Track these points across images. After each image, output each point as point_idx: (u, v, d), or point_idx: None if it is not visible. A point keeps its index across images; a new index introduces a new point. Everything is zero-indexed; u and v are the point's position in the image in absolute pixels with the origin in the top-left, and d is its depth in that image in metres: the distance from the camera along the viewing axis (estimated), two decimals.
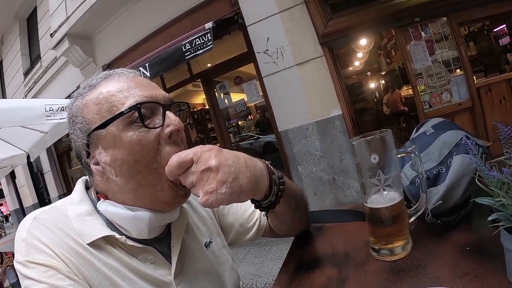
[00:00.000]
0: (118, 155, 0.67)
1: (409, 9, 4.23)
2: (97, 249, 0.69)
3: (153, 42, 5.72)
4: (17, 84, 9.80)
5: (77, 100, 0.72)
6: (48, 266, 0.63)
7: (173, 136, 0.69)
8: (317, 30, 4.49)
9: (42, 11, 8.20)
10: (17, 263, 0.66)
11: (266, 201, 0.76)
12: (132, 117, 0.66)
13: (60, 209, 0.74)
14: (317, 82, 4.48)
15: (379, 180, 0.68)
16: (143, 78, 0.75)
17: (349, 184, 4.39)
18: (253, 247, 4.64)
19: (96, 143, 0.69)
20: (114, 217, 0.72)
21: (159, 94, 0.71)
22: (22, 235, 0.68)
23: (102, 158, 0.69)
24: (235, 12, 4.92)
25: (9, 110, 3.08)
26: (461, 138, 0.77)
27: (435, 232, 0.74)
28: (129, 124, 0.66)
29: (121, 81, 0.70)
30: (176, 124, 0.68)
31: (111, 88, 0.69)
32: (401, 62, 6.03)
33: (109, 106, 0.67)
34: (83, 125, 0.70)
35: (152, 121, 0.68)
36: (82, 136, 0.70)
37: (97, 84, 0.71)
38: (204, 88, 6.20)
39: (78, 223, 0.70)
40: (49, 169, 9.26)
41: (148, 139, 0.66)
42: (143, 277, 0.72)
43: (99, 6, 5.92)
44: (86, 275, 0.66)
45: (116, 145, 0.67)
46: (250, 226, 0.97)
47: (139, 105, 0.66)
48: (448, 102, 4.40)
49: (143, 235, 0.72)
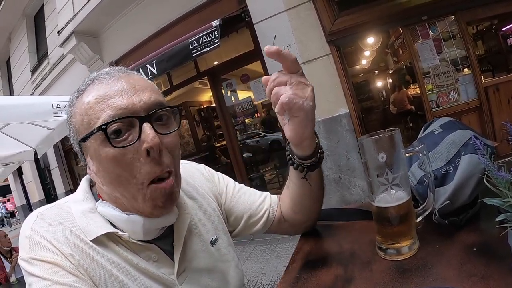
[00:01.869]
0: (100, 167, 0.68)
1: (417, 8, 4.21)
2: (101, 246, 0.70)
3: (160, 39, 5.74)
4: (25, 81, 9.88)
5: (69, 106, 0.73)
6: (51, 263, 0.64)
7: (151, 154, 0.66)
8: (324, 28, 4.49)
9: (50, 9, 8.27)
10: (21, 260, 0.66)
11: (311, 159, 0.82)
12: (103, 134, 0.64)
13: (64, 206, 0.75)
14: (324, 80, 4.47)
15: (386, 179, 0.67)
16: (129, 78, 0.71)
17: (355, 183, 4.38)
18: (258, 244, 4.65)
19: (86, 151, 0.71)
20: (111, 218, 0.72)
21: (139, 101, 0.67)
22: (26, 232, 0.68)
23: (91, 166, 0.71)
24: (242, 10, 4.93)
25: (16, 106, 3.11)
26: (469, 137, 0.77)
27: (442, 232, 0.74)
28: (105, 140, 0.65)
29: (101, 89, 0.67)
30: (149, 141, 0.64)
31: (91, 98, 0.67)
32: (408, 60, 6.00)
33: (88, 119, 0.66)
34: (74, 134, 0.71)
35: (129, 135, 0.66)
36: (74, 142, 0.72)
37: (84, 90, 0.70)
38: (211, 85, 6.22)
39: (81, 220, 0.71)
40: (56, 166, 9.35)
41: (124, 156, 0.65)
42: (146, 274, 0.72)
43: (106, 4, 5.95)
44: (90, 271, 0.67)
45: (97, 158, 0.67)
46: (258, 218, 0.97)
47: (104, 126, 0.63)
48: (456, 101, 4.38)
49: (139, 237, 0.72)
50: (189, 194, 0.91)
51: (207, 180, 1.00)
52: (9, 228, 19.96)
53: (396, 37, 7.22)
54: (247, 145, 6.40)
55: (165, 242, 0.78)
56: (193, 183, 0.95)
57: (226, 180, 1.03)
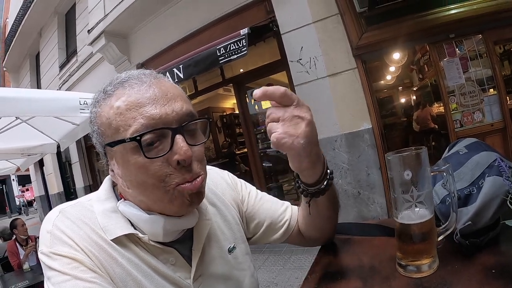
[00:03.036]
0: (126, 172, 0.69)
1: (445, 25, 4.17)
2: (120, 246, 0.71)
3: (187, 44, 5.81)
4: (52, 76, 10.10)
5: (94, 106, 0.72)
6: (71, 258, 0.65)
7: (181, 164, 0.67)
8: (351, 42, 4.49)
9: (81, 8, 8.46)
10: (42, 254, 0.67)
11: (315, 187, 0.81)
12: (136, 143, 0.64)
13: (86, 204, 0.76)
14: (349, 94, 4.47)
15: (411, 196, 0.68)
16: (160, 85, 0.70)
17: (374, 199, 4.34)
18: (272, 254, 4.64)
19: (111, 155, 0.71)
20: (132, 217, 0.73)
21: (172, 111, 0.67)
22: (47, 227, 0.69)
23: (115, 170, 0.72)
24: (270, 20, 4.97)
25: (44, 100, 3.15)
26: (494, 159, 0.77)
27: (462, 252, 0.73)
28: (135, 148, 0.65)
29: (132, 95, 0.66)
30: (182, 154, 0.65)
31: (121, 103, 0.66)
32: (433, 78, 5.91)
33: (116, 125, 0.66)
34: (98, 136, 0.71)
35: (160, 144, 0.66)
36: (98, 144, 0.72)
37: (112, 93, 0.69)
38: (235, 93, 6.25)
39: (103, 219, 0.72)
40: (77, 160, 9.51)
41: (153, 166, 0.66)
42: (163, 276, 0.73)
43: (136, 6, 6.07)
44: (108, 269, 0.67)
45: (124, 164, 0.68)
46: (279, 226, 0.98)
47: (139, 137, 0.63)
48: (480, 122, 4.30)
49: (158, 238, 0.73)
50: (210, 201, 0.92)
51: (230, 188, 1.00)
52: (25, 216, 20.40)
53: (422, 54, 7.11)
54: (268, 154, 6.39)
55: (183, 246, 0.79)
56: (216, 190, 0.95)
57: (248, 188, 1.04)
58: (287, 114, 0.68)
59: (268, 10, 5.06)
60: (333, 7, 4.55)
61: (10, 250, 4.53)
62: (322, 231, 0.97)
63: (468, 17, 4.04)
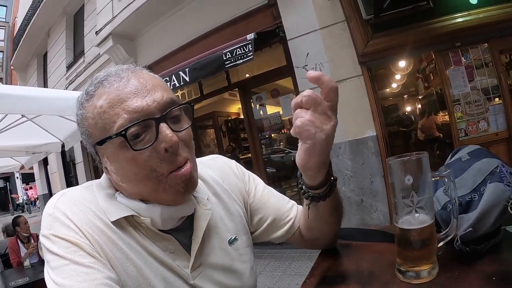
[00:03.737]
0: (118, 168, 0.70)
1: (451, 34, 4.17)
2: (120, 229, 0.71)
3: (194, 48, 5.83)
4: (59, 76, 10.20)
5: (79, 109, 0.73)
6: (71, 242, 0.65)
7: (169, 151, 0.68)
8: (357, 49, 4.49)
9: (89, 9, 8.57)
10: (42, 236, 0.68)
11: (316, 191, 0.80)
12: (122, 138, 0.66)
13: (89, 188, 0.77)
14: (354, 101, 4.46)
15: (412, 201, 0.68)
16: (138, 78, 0.71)
17: (376, 207, 4.33)
18: (273, 260, 4.64)
19: (102, 153, 0.72)
20: (130, 205, 0.74)
21: (153, 101, 0.68)
22: (49, 210, 0.70)
23: (108, 167, 0.73)
24: (277, 26, 4.99)
25: (50, 99, 3.18)
26: (496, 166, 0.77)
27: (462, 259, 0.73)
28: (122, 143, 0.67)
29: (113, 91, 0.68)
30: (168, 140, 0.67)
31: (103, 102, 0.67)
32: (439, 87, 5.89)
33: (102, 123, 0.67)
34: (87, 137, 0.72)
35: (146, 135, 0.68)
36: (88, 145, 0.74)
37: (93, 93, 0.70)
38: (240, 97, 6.27)
39: (104, 202, 0.73)
40: (81, 160, 9.59)
41: (142, 157, 0.67)
42: (162, 263, 0.73)
43: (144, 9, 6.12)
44: (108, 253, 0.68)
45: (115, 159, 0.70)
46: (282, 224, 0.97)
47: (124, 132, 0.65)
48: (485, 131, 4.29)
49: (157, 225, 0.74)
50: (213, 191, 0.91)
51: (237, 178, 1.00)
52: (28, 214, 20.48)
53: (428, 62, 7.10)
54: (271, 160, 6.39)
55: (183, 235, 0.79)
56: (220, 181, 0.95)
57: (256, 180, 1.03)
58: (320, 108, 0.68)
59: (274, 15, 5.08)
60: (340, 14, 4.56)
61: (11, 247, 4.54)
62: (322, 235, 0.96)
63: (474, 26, 4.05)
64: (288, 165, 6.46)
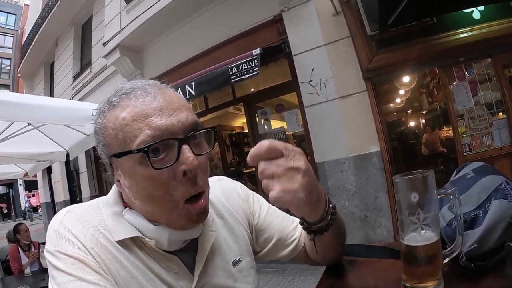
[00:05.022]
0: (133, 183, 0.69)
1: (454, 49, 4.20)
2: (125, 248, 0.71)
3: (200, 62, 5.89)
4: (66, 86, 10.26)
5: (99, 117, 0.72)
6: (76, 259, 0.65)
7: (187, 175, 0.67)
8: (361, 64, 4.52)
9: (98, 21, 8.67)
10: (47, 252, 0.67)
11: (317, 225, 0.78)
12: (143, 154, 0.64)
13: (94, 206, 0.77)
14: (358, 116, 4.49)
15: (418, 218, 0.68)
16: (165, 96, 0.70)
17: (380, 222, 4.31)
18: (276, 275, 4.60)
19: (117, 166, 0.71)
20: (138, 226, 0.73)
21: (178, 122, 0.67)
22: (54, 226, 0.70)
23: (122, 180, 0.71)
24: (282, 41, 5.04)
25: (57, 108, 3.20)
26: (500, 183, 0.77)
27: (467, 275, 0.73)
28: (141, 159, 0.65)
29: (138, 105, 0.66)
30: (188, 164, 0.65)
31: (127, 114, 0.66)
32: (443, 102, 5.91)
33: (123, 136, 0.66)
34: (104, 146, 0.70)
35: (167, 155, 0.66)
36: (103, 155, 0.72)
37: (117, 104, 0.69)
38: (245, 112, 6.29)
39: (110, 221, 0.73)
40: (85, 170, 9.54)
41: (161, 175, 0.65)
42: (166, 283, 0.73)
43: (152, 22, 6.20)
44: (113, 271, 0.67)
45: (131, 175, 0.68)
46: (288, 243, 0.97)
47: (146, 149, 0.63)
48: (489, 146, 4.28)
49: (163, 247, 0.74)
50: (218, 213, 0.91)
51: (241, 199, 0.99)
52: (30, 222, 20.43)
53: (432, 78, 7.12)
54: None
55: (187, 255, 0.78)
56: (225, 202, 0.94)
57: (260, 201, 1.02)
58: (281, 168, 0.63)
59: (280, 31, 5.14)
60: (345, 30, 4.61)
61: (12, 255, 4.52)
62: (329, 257, 0.97)
63: (477, 41, 4.09)
64: None
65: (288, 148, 0.64)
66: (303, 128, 5.27)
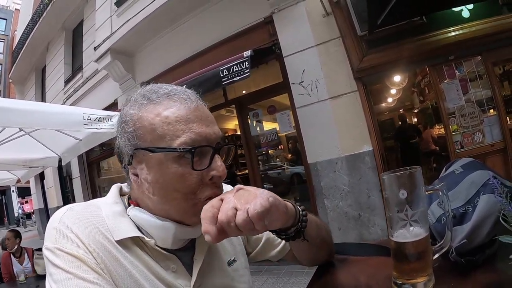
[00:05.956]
0: (159, 179, 0.70)
1: (444, 48, 4.23)
2: (125, 248, 0.71)
3: (191, 65, 5.88)
4: (57, 91, 10.21)
5: (132, 108, 0.73)
6: (75, 257, 0.65)
7: (213, 180, 0.72)
8: (352, 65, 4.54)
9: (88, 25, 8.62)
10: (46, 249, 0.67)
11: (285, 234, 0.79)
12: (182, 153, 0.68)
13: (95, 205, 0.77)
14: (350, 116, 4.50)
15: (406, 215, 0.68)
16: (203, 108, 0.76)
17: (374, 221, 4.32)
18: (271, 276, 4.59)
19: (141, 159, 0.71)
20: (143, 222, 0.74)
21: (213, 133, 0.72)
22: (54, 223, 0.70)
23: (143, 175, 0.72)
24: (273, 43, 5.05)
25: (49, 113, 3.18)
26: (488, 178, 0.78)
27: (458, 270, 0.74)
28: (177, 158, 0.68)
29: (182, 109, 0.70)
30: (220, 171, 0.71)
31: (170, 114, 0.69)
32: (434, 100, 5.96)
33: (162, 132, 0.68)
34: (133, 138, 0.71)
35: (200, 160, 0.70)
36: (128, 146, 0.72)
37: (158, 101, 0.71)
38: (237, 114, 6.26)
39: (110, 220, 0.73)
40: (78, 175, 9.46)
41: (191, 176, 0.69)
42: (164, 282, 0.73)
43: (143, 26, 6.19)
44: (111, 270, 0.68)
45: (160, 170, 0.69)
46: (276, 244, 1.00)
47: (193, 150, 0.67)
48: (480, 143, 4.31)
49: (167, 244, 0.75)
50: None
51: None
52: (23, 228, 20.24)
53: (422, 76, 7.18)
54: (269, 176, 6.40)
55: (185, 255, 0.80)
56: None
57: None
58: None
59: (271, 33, 5.15)
60: (335, 31, 4.63)
61: (3, 262, 4.46)
62: (315, 260, 1.00)
63: (467, 39, 4.11)
64: (285, 181, 6.47)
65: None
66: (295, 129, 5.28)
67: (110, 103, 7.74)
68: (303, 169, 5.47)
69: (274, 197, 0.65)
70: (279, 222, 0.70)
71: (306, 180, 5.31)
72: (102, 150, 8.76)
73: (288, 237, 0.79)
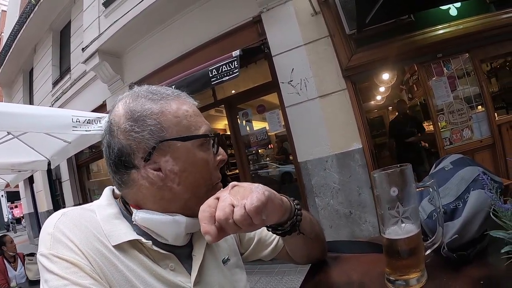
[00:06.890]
0: (188, 167, 0.73)
1: (432, 45, 4.28)
2: (121, 252, 0.71)
3: (180, 65, 5.86)
4: (45, 93, 10.07)
5: (154, 103, 0.74)
6: (71, 263, 0.64)
7: (220, 165, 0.81)
8: (341, 63, 4.56)
9: (76, 26, 8.51)
10: (41, 255, 0.66)
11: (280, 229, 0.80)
12: (206, 140, 0.77)
13: (89, 209, 0.76)
14: (339, 115, 4.52)
15: (397, 212, 0.69)
16: None
17: (365, 218, 4.35)
18: (264, 275, 4.60)
19: (165, 151, 0.72)
20: (153, 223, 0.73)
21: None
22: (48, 229, 0.69)
23: (168, 166, 0.72)
24: (262, 42, 5.04)
25: (37, 116, 3.16)
26: (478, 174, 0.79)
27: (450, 265, 0.74)
28: (201, 145, 0.76)
29: (192, 106, 0.80)
30: (225, 155, 0.82)
31: (189, 108, 0.78)
32: (423, 97, 5.99)
33: (187, 124, 0.75)
34: (157, 130, 0.71)
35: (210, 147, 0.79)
36: (150, 139, 0.71)
37: (170, 98, 0.77)
38: (227, 114, 6.25)
39: (106, 225, 0.72)
40: (67, 178, 9.37)
41: (211, 162, 0.78)
42: (163, 282, 0.73)
43: (131, 26, 6.14)
44: (108, 275, 0.67)
45: (188, 159, 0.73)
46: (268, 243, 1.01)
47: (216, 137, 0.79)
48: (469, 139, 4.37)
49: (179, 240, 0.76)
50: None
51: None
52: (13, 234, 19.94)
53: (411, 74, 7.22)
54: (259, 175, 6.40)
55: (183, 252, 0.80)
56: None
57: None
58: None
59: (259, 32, 5.15)
60: (323, 30, 4.65)
61: None
62: (308, 257, 1.01)
63: (454, 37, 4.17)
64: (276, 180, 6.47)
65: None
66: (285, 128, 5.29)
67: (98, 104, 7.67)
68: (293, 168, 5.49)
69: (269, 191, 0.66)
70: (276, 216, 0.71)
71: (296, 179, 5.33)
72: (91, 153, 8.68)
73: (284, 231, 0.79)
